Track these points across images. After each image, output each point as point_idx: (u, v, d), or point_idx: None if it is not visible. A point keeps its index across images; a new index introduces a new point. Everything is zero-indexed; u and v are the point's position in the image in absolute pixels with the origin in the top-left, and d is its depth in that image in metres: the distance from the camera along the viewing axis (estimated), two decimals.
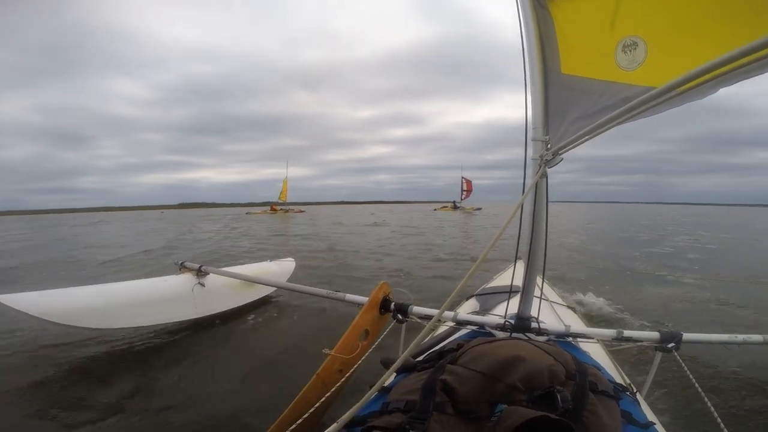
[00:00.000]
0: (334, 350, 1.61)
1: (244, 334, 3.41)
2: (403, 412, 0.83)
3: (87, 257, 9.06)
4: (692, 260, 8.14)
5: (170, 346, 3.03)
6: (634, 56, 1.05)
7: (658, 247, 10.37)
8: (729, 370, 2.68)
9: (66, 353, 2.86)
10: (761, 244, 12.44)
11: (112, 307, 2.86)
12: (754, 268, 7.48)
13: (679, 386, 2.24)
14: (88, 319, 2.71)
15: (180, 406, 2.21)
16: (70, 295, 2.82)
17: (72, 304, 2.70)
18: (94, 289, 3.04)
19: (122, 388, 2.39)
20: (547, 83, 1.35)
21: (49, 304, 2.61)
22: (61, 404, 2.21)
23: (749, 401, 2.34)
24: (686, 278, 6.05)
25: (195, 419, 2.08)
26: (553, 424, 0.68)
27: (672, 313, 4.22)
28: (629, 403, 1.05)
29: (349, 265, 7.31)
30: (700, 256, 8.86)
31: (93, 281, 4.29)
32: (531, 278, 1.49)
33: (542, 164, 1.32)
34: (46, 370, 2.61)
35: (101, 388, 2.40)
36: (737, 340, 1.70)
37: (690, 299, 4.79)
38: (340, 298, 2.29)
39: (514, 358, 0.90)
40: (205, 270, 3.30)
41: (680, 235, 13.89)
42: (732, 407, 2.25)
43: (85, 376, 2.56)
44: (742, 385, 2.49)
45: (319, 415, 1.43)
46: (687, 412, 2.08)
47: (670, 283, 5.80)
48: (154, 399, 2.28)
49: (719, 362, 2.76)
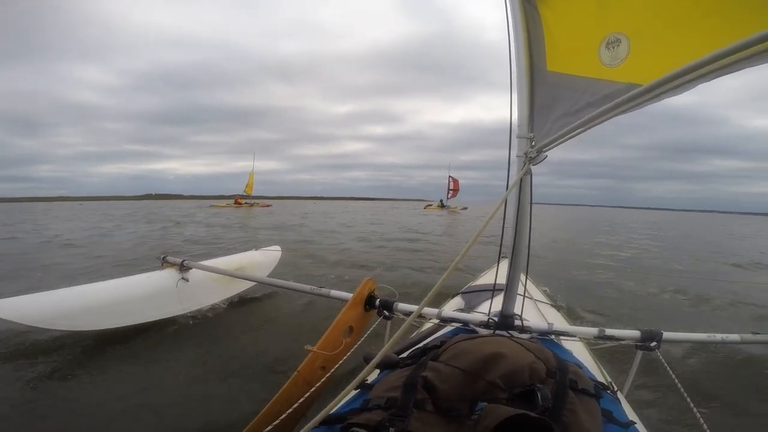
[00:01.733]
0: (316, 347, 1.59)
1: (225, 328, 3.36)
2: (384, 409, 0.82)
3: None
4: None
5: (148, 345, 2.96)
6: (617, 53, 1.06)
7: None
8: (709, 367, 2.74)
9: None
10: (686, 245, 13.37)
11: (94, 308, 2.81)
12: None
13: (661, 384, 2.27)
14: (71, 322, 2.67)
15: (156, 405, 2.16)
16: (51, 298, 2.78)
17: (54, 308, 2.66)
18: (76, 290, 2.98)
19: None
20: (533, 80, 1.35)
21: (30, 309, 2.57)
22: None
23: (730, 399, 2.39)
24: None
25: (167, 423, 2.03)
26: (533, 423, 0.67)
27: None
28: (610, 401, 1.05)
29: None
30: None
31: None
32: (515, 276, 1.50)
33: (527, 161, 1.32)
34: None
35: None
36: (716, 339, 1.73)
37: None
38: (324, 294, 2.28)
39: (495, 355, 0.89)
40: (188, 264, 3.25)
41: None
42: (712, 405, 2.29)
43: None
44: (722, 383, 2.54)
45: (300, 413, 1.41)
46: (668, 410, 2.12)
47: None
48: (131, 398, 2.23)
49: (700, 360, 2.82)
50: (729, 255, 10.54)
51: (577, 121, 1.11)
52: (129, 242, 9.77)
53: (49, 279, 5.20)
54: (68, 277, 5.29)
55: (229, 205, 34.56)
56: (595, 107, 1.08)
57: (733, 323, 4.06)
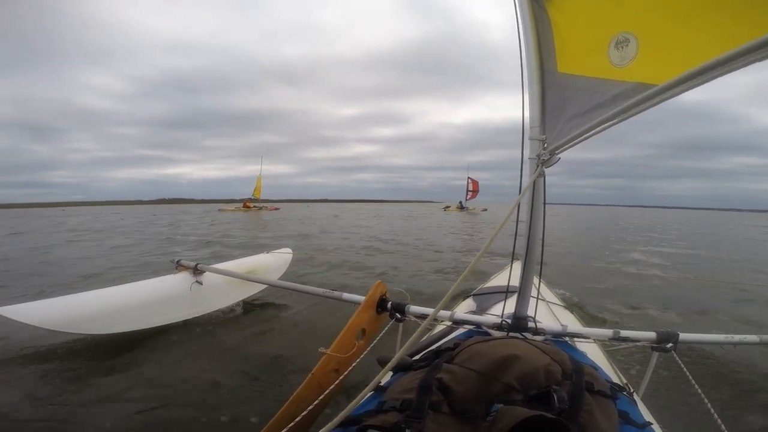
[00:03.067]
0: (330, 349, 1.60)
1: (240, 331, 3.39)
2: (399, 411, 0.83)
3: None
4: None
5: (163, 346, 3.01)
6: (626, 52, 1.06)
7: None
8: (727, 369, 2.69)
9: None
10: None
11: (111, 312, 2.87)
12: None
13: (677, 386, 2.24)
14: (88, 325, 2.74)
15: (169, 408, 2.18)
16: (69, 302, 2.85)
17: (72, 311, 2.74)
18: (93, 294, 3.05)
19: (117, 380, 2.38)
20: (544, 82, 1.35)
21: (48, 313, 2.65)
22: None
23: (748, 401, 2.34)
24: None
25: (185, 417, 2.07)
26: (550, 424, 0.67)
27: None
28: (626, 403, 1.04)
29: None
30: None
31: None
32: (528, 278, 1.49)
33: (539, 164, 1.32)
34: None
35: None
36: (733, 340, 1.70)
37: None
38: (336, 297, 2.29)
39: (510, 357, 0.90)
40: (202, 268, 3.30)
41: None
42: (731, 407, 2.25)
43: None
44: (740, 385, 2.50)
45: (315, 415, 1.42)
46: (685, 411, 2.08)
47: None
48: (147, 398, 2.26)
49: (717, 362, 2.77)
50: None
51: (588, 123, 1.12)
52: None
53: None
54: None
55: (238, 209, 35.03)
56: (604, 107, 1.08)
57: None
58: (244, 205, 37.09)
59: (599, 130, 1.10)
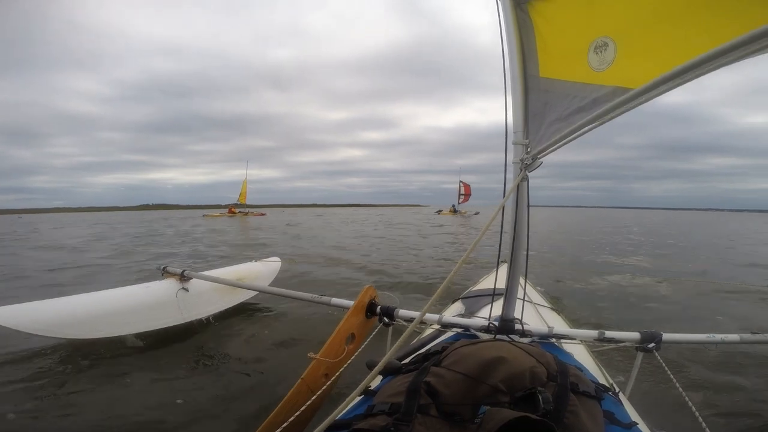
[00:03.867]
0: (319, 354, 1.60)
1: (229, 337, 3.35)
2: (388, 415, 0.83)
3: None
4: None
5: (148, 354, 2.95)
6: (604, 57, 1.08)
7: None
8: (709, 368, 2.74)
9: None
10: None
11: (95, 316, 2.82)
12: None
13: (661, 386, 2.28)
14: (70, 330, 2.68)
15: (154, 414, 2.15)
16: (51, 306, 2.79)
17: (53, 315, 2.68)
18: (76, 298, 3.00)
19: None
20: (527, 87, 1.37)
21: (29, 316, 2.58)
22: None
23: (729, 399, 2.39)
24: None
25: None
26: (535, 425, 0.68)
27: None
28: (612, 403, 1.06)
29: None
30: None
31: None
32: (514, 280, 1.51)
33: (523, 168, 1.34)
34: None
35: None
36: (715, 339, 1.74)
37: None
38: (325, 302, 2.29)
39: (496, 360, 0.91)
40: (188, 275, 3.25)
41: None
42: (713, 405, 2.29)
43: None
44: (721, 384, 2.55)
45: (304, 419, 1.41)
46: (669, 411, 2.12)
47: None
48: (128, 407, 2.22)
49: (700, 361, 2.83)
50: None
51: (569, 127, 1.14)
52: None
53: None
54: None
55: (223, 215, 34.25)
56: (584, 111, 1.10)
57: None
58: (229, 210, 36.60)
59: (581, 133, 1.12)
